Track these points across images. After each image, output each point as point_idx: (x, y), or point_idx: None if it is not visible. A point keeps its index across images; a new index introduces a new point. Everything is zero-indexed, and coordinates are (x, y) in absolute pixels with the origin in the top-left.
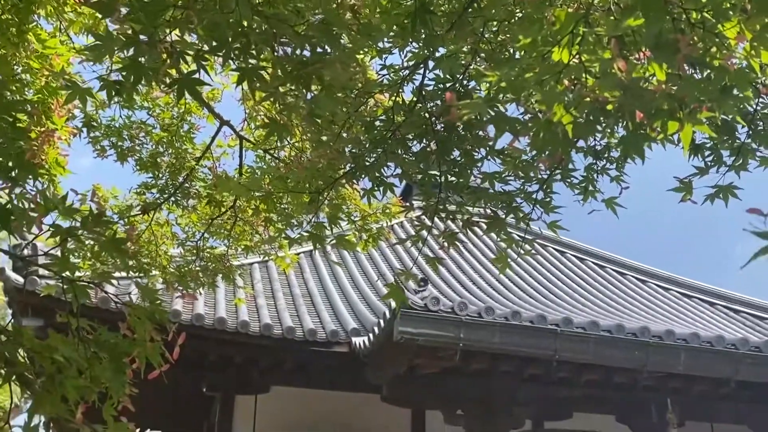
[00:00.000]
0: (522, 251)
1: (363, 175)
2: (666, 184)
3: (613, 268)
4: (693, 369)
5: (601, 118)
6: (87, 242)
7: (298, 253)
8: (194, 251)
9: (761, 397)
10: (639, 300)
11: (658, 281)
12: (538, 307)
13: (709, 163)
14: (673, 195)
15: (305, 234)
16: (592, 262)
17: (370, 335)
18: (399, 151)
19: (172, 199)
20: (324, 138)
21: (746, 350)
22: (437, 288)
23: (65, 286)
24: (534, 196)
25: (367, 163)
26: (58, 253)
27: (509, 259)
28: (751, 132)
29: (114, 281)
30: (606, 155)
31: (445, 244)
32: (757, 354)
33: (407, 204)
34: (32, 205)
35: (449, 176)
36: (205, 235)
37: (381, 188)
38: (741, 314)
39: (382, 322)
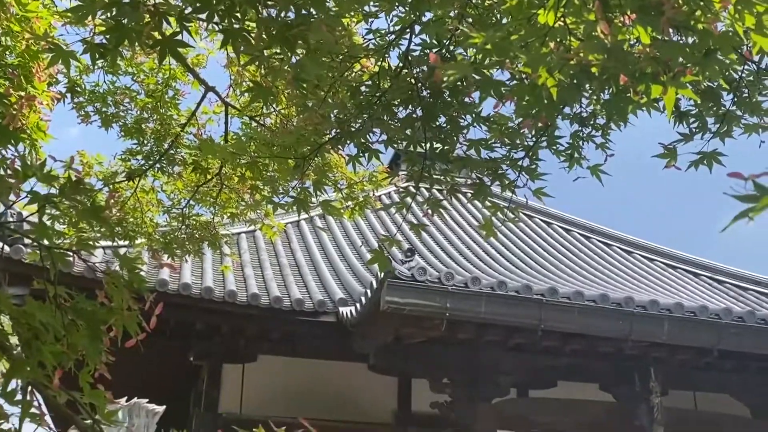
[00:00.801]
0: (507, 218)
1: (348, 141)
2: (651, 157)
3: (599, 239)
4: (676, 338)
5: (586, 83)
6: (66, 210)
7: (286, 223)
8: (180, 219)
9: (743, 366)
10: (624, 270)
11: (643, 252)
12: (524, 277)
13: (693, 130)
14: (658, 170)
15: (290, 200)
16: (578, 233)
17: (357, 305)
18: (385, 117)
19: (158, 165)
20: (309, 103)
21: (729, 320)
22: (424, 258)
23: (44, 254)
24: (520, 163)
25: (353, 129)
26: (36, 220)
27: (495, 227)
28: (735, 99)
29: (95, 249)
30: (591, 122)
31: (430, 211)
32: (739, 324)
33: (396, 174)
34: (10, 171)
35: (435, 143)
36: (191, 202)
37: (366, 154)
38: (725, 285)
39: (369, 291)
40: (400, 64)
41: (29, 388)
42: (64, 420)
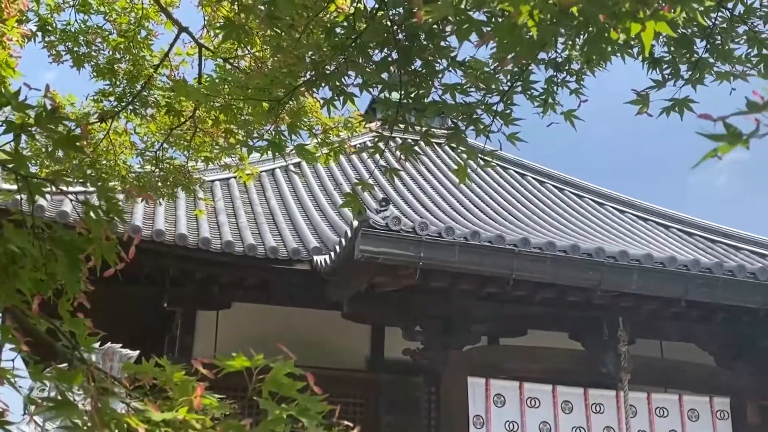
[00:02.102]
0: (482, 164)
1: (323, 84)
2: (626, 114)
3: (572, 191)
4: (645, 288)
5: (566, 23)
6: (41, 139)
7: (261, 171)
8: (154, 162)
9: (709, 317)
10: (595, 222)
11: (615, 204)
12: (497, 227)
13: (666, 77)
14: (632, 124)
15: (265, 143)
16: (552, 185)
17: (332, 254)
18: (360, 60)
19: (130, 107)
20: (284, 44)
21: (697, 271)
22: (398, 208)
23: (20, 184)
24: (494, 108)
25: (328, 72)
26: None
27: (470, 177)
28: (708, 46)
29: (69, 180)
30: (566, 68)
31: (403, 156)
32: (707, 275)
33: (372, 121)
34: None
35: (410, 87)
36: (165, 145)
37: (341, 98)
38: (694, 237)
39: (343, 240)
40: (376, 6)
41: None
42: (43, 347)
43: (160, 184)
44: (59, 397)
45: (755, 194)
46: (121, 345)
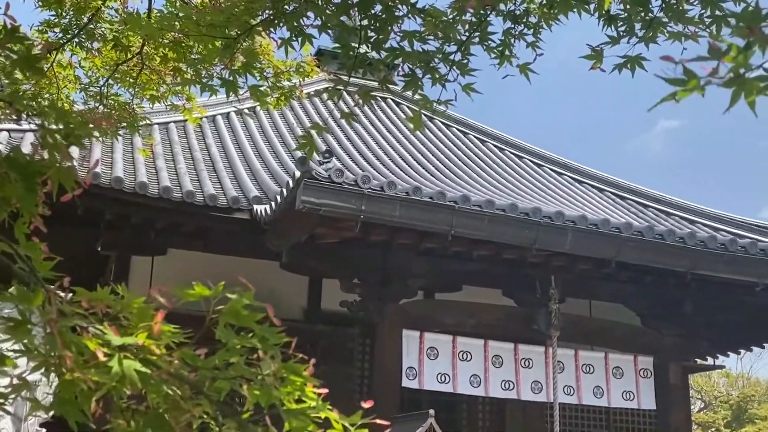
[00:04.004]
0: (436, 113)
1: (281, 24)
2: (578, 57)
3: (512, 151)
4: (578, 249)
5: None
6: None
7: (201, 117)
8: (98, 97)
9: (638, 278)
10: (534, 183)
11: (553, 166)
12: (438, 184)
13: (621, 34)
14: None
15: (218, 81)
16: (492, 145)
17: (272, 203)
18: (319, 2)
19: (76, 39)
20: None
21: (629, 234)
22: (341, 161)
23: None
24: (452, 57)
25: (287, 11)
26: None
27: (412, 133)
28: (663, 5)
29: (27, 107)
30: (524, 20)
31: (360, 101)
32: (638, 238)
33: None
34: None
35: (369, 31)
36: (110, 81)
37: (299, 39)
38: (627, 201)
39: (284, 191)
40: None
41: None
42: None
43: (103, 121)
44: (19, 317)
45: (689, 163)
46: (52, 287)
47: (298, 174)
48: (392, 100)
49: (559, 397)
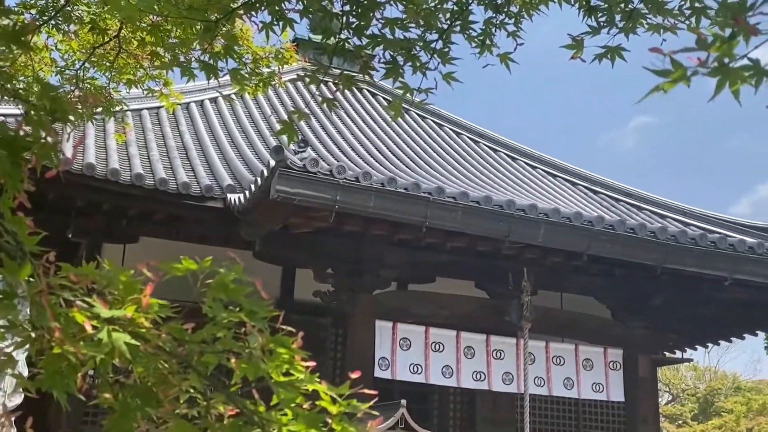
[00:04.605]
0: (415, 102)
1: (263, 7)
2: (559, 47)
3: (487, 144)
4: (551, 241)
5: None
6: None
7: (178, 103)
8: (74, 81)
9: (609, 272)
10: (507, 175)
11: (527, 159)
12: (413, 176)
13: (602, 24)
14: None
15: (198, 64)
16: (468, 137)
17: (247, 192)
18: None
19: (53, 22)
20: None
21: (601, 227)
22: (316, 151)
23: None
24: (433, 45)
25: None
26: None
27: (389, 125)
28: None
29: (11, 75)
30: (506, 10)
31: (341, 87)
32: (609, 231)
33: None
34: None
35: (350, 17)
36: (86, 65)
37: (280, 23)
38: (599, 195)
39: (259, 179)
40: None
41: None
42: None
43: (79, 104)
44: (7, 289)
45: (660, 158)
46: None
47: (273, 163)
48: (368, 91)
49: (529, 388)
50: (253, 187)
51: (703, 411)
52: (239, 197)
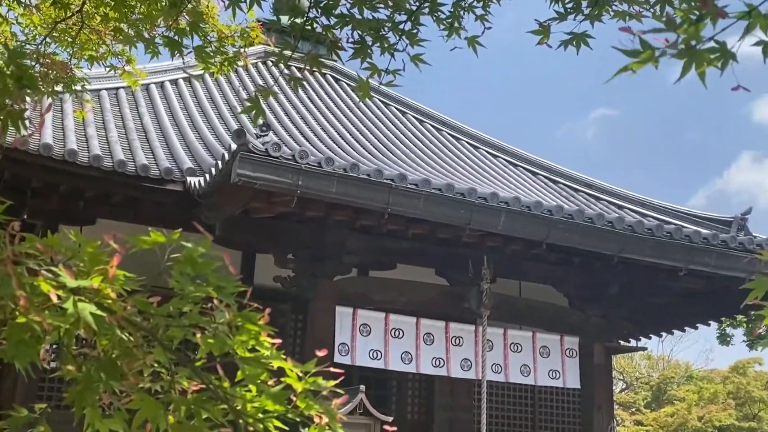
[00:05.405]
0: (383, 83)
1: None
2: (526, 32)
3: (449, 132)
4: (511, 230)
5: None
6: None
7: (140, 82)
8: (34, 56)
9: (567, 260)
10: (469, 164)
11: (489, 148)
12: (376, 162)
13: (568, 10)
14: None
15: (164, 39)
16: (431, 125)
17: (207, 176)
18: None
19: None
20: None
21: (560, 216)
22: (278, 136)
23: None
24: (401, 26)
25: None
26: None
27: (351, 111)
28: None
29: None
30: None
31: (309, 66)
32: (568, 220)
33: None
34: None
35: None
36: (48, 40)
37: (248, 1)
38: (559, 185)
39: (220, 163)
40: None
41: None
42: None
43: (40, 80)
44: None
45: (619, 150)
46: None
47: (234, 146)
48: (331, 76)
49: (487, 374)
50: (213, 170)
51: (656, 399)
52: (199, 181)
